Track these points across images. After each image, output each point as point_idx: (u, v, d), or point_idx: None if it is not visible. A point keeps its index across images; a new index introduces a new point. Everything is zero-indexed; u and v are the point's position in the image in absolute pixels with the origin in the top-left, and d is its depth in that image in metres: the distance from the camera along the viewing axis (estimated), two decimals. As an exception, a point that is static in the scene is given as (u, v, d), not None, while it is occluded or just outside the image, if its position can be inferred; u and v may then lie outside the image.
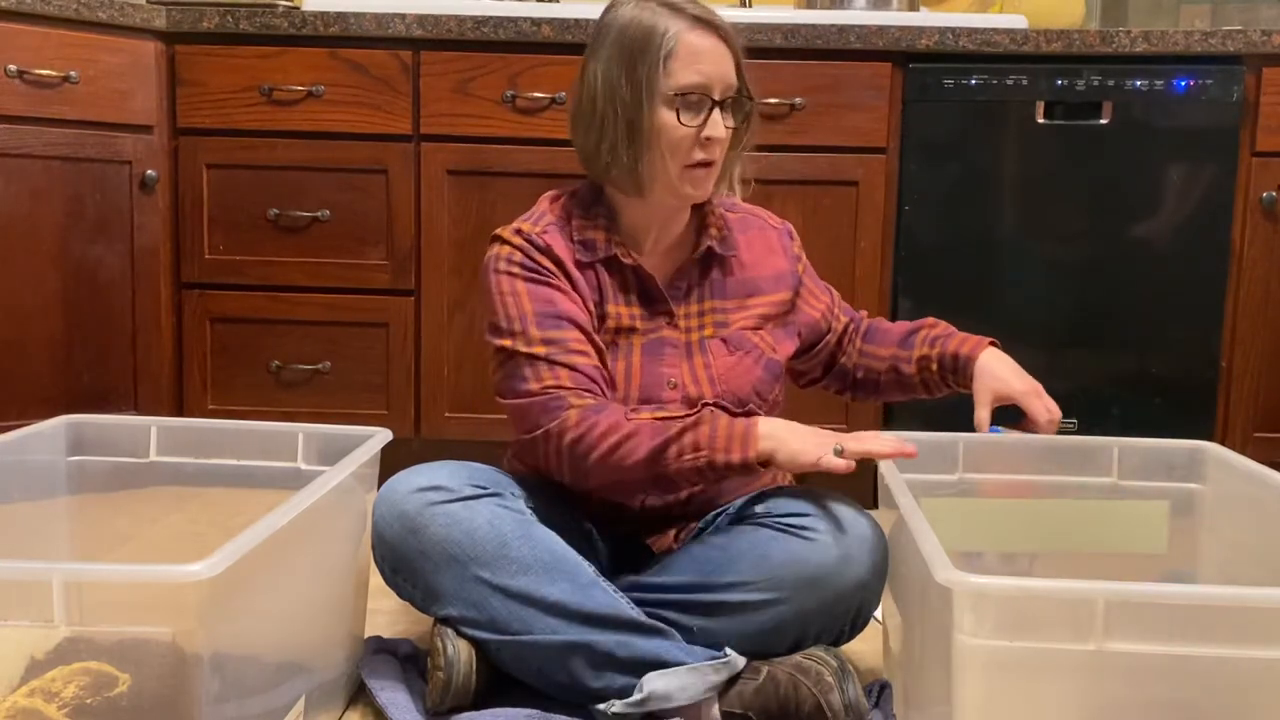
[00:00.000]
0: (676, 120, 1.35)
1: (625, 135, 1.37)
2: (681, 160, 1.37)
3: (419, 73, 2.18)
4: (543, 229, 1.42)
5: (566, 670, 1.29)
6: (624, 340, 1.43)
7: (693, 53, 1.35)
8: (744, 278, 1.50)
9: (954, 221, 2.19)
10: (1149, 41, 2.13)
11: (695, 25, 1.36)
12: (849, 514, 1.33)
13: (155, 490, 1.45)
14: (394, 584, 1.38)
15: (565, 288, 1.40)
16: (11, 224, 2.04)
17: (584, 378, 1.35)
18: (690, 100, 1.35)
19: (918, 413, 2.21)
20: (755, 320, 1.49)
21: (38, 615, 0.91)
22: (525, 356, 1.35)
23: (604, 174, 1.41)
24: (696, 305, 1.47)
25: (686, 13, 1.36)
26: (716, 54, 1.37)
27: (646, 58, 1.35)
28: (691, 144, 1.37)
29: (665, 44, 1.35)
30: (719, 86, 1.37)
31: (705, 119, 1.36)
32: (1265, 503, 1.35)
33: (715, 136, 1.36)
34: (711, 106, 1.36)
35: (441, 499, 1.33)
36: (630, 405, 1.39)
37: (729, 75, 1.38)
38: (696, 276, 1.47)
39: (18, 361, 2.07)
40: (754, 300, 1.49)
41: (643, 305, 1.45)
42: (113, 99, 2.12)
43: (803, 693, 1.26)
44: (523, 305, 1.38)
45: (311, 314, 2.23)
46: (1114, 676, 0.98)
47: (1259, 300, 2.18)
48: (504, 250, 1.41)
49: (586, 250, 1.42)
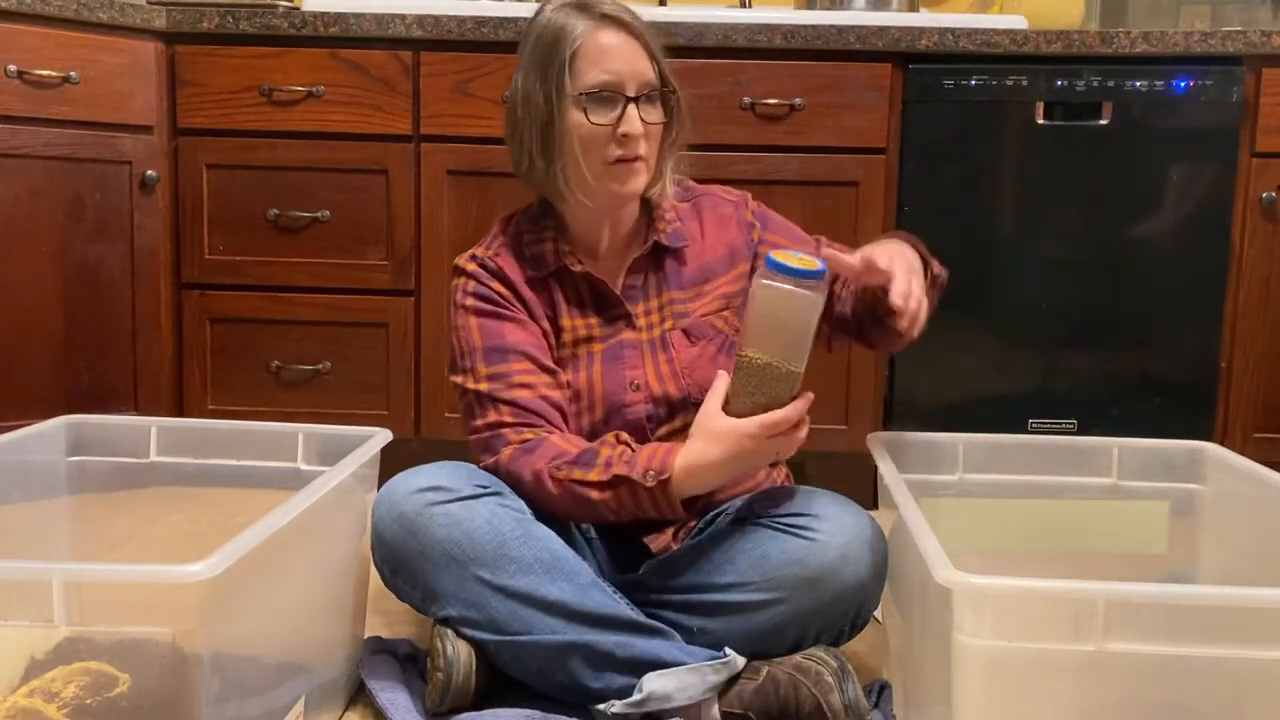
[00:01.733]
0: (586, 119, 1.35)
1: (539, 141, 1.39)
2: (598, 159, 1.37)
3: (419, 73, 2.18)
4: (495, 252, 1.45)
5: (566, 670, 1.29)
6: (584, 350, 1.44)
7: (599, 51, 1.36)
8: (699, 264, 1.49)
9: (954, 222, 2.19)
10: (1149, 42, 2.13)
11: (601, 23, 1.36)
12: (849, 514, 1.33)
13: (155, 490, 1.45)
14: (393, 586, 1.38)
15: (517, 315, 1.42)
16: (11, 224, 2.04)
17: (525, 411, 1.37)
18: (601, 98, 1.35)
19: (918, 412, 2.22)
20: (719, 302, 1.49)
21: (38, 615, 0.91)
22: (473, 393, 1.40)
23: (531, 183, 1.44)
24: (656, 300, 1.47)
25: (594, 11, 1.37)
26: (625, 50, 1.36)
27: (555, 61, 1.36)
28: (606, 141, 1.36)
29: (571, 45, 1.36)
30: (632, 83, 1.36)
31: (620, 115, 1.35)
32: (1265, 503, 1.35)
33: (630, 132, 1.35)
34: (626, 103, 1.35)
35: (441, 499, 1.33)
36: (595, 415, 1.43)
37: (643, 71, 1.37)
38: (650, 272, 1.47)
39: (18, 361, 2.07)
40: (711, 285, 1.49)
41: (598, 313, 1.46)
42: (113, 99, 2.12)
43: (802, 693, 1.26)
44: (472, 340, 1.41)
45: (311, 314, 2.23)
46: (1114, 677, 0.98)
47: (1259, 300, 2.18)
48: (460, 281, 1.45)
49: (537, 265, 1.44)
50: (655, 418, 1.44)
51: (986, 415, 2.19)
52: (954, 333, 2.21)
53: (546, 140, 1.38)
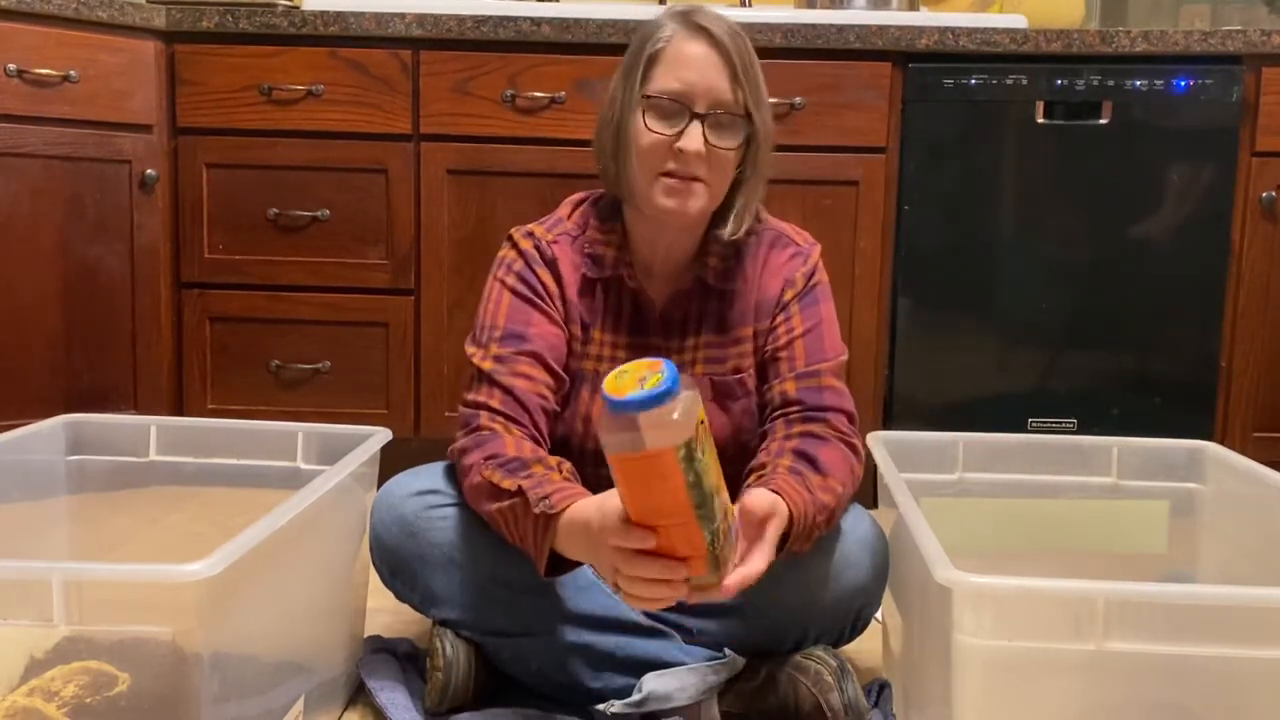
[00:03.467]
0: (644, 124, 1.29)
1: (612, 140, 1.34)
2: (652, 169, 1.30)
3: (419, 72, 2.18)
4: (554, 237, 1.39)
5: (565, 671, 1.29)
6: (606, 369, 1.30)
7: (678, 58, 1.29)
8: (744, 308, 1.39)
9: (954, 221, 2.19)
10: (1149, 41, 2.13)
11: (691, 32, 1.30)
12: (849, 516, 1.33)
13: (155, 490, 1.45)
14: (392, 586, 1.38)
15: (549, 309, 1.36)
16: (11, 223, 2.04)
17: (514, 402, 1.30)
18: (662, 106, 1.29)
19: (918, 412, 2.22)
20: (751, 355, 1.39)
21: (37, 615, 0.91)
22: (477, 369, 1.34)
23: (606, 184, 1.39)
24: (692, 339, 1.39)
25: (689, 19, 1.31)
26: (705, 63, 1.29)
27: (638, 61, 1.32)
28: (664, 153, 1.29)
29: (654, 46, 1.31)
30: (704, 99, 1.28)
31: (682, 130, 1.28)
32: (1265, 502, 1.35)
33: (687, 149, 1.27)
34: (691, 118, 1.28)
35: (440, 502, 1.33)
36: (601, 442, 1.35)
37: (718, 89, 1.28)
38: (694, 308, 1.39)
39: (17, 361, 2.07)
40: (746, 330, 1.40)
41: (632, 333, 1.40)
42: (112, 98, 2.12)
43: (802, 692, 1.26)
44: (497, 318, 1.36)
45: (311, 313, 2.23)
46: (1113, 676, 0.98)
47: (1259, 300, 2.18)
48: (509, 255, 1.40)
49: (594, 265, 1.38)
50: None
51: (986, 415, 2.20)
52: (954, 332, 2.21)
53: (617, 141, 1.33)
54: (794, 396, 1.34)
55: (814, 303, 1.39)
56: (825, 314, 1.40)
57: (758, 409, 1.39)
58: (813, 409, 1.33)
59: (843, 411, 1.34)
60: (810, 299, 1.39)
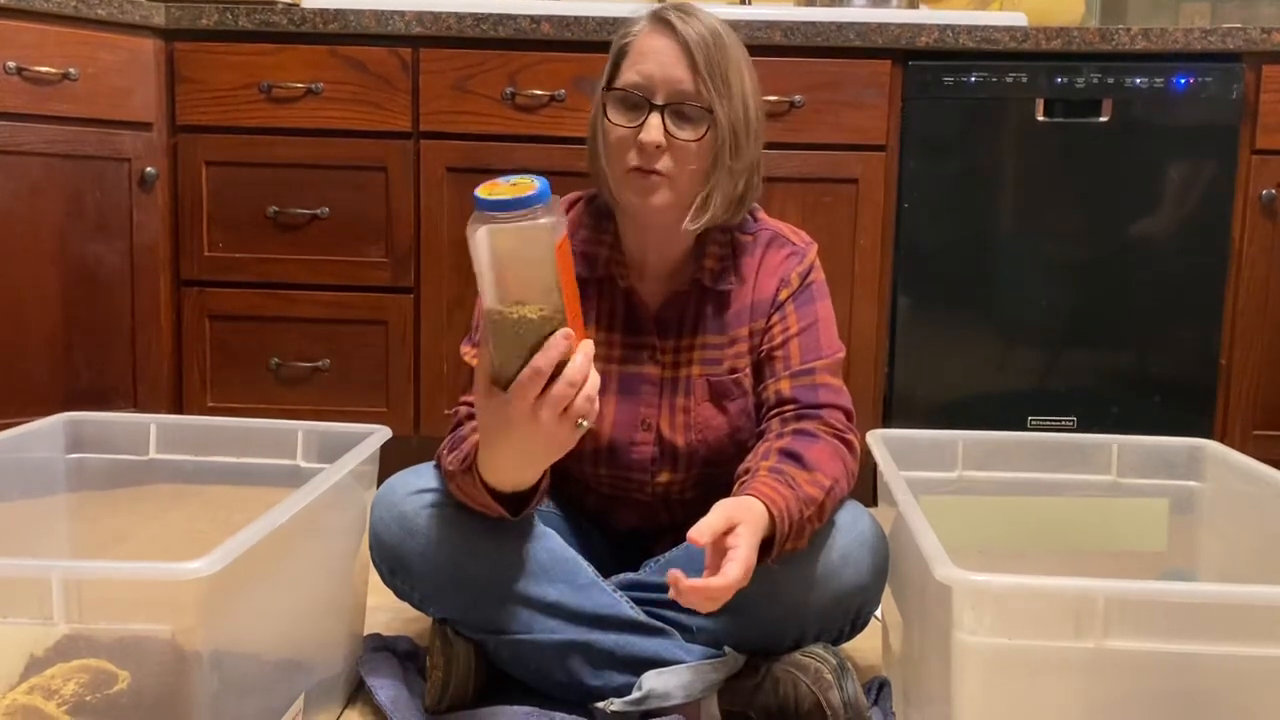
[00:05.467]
0: (608, 118, 1.30)
1: (593, 138, 1.36)
2: (621, 164, 1.30)
3: (418, 70, 2.18)
4: None
5: (565, 669, 1.29)
6: (602, 373, 1.28)
7: (641, 52, 1.30)
8: (740, 309, 1.39)
9: (954, 219, 2.19)
10: (1149, 39, 2.12)
11: (656, 26, 1.30)
12: (849, 514, 1.33)
13: (154, 488, 1.45)
14: (392, 585, 1.38)
15: None
16: (11, 221, 2.04)
17: None
18: (625, 98, 1.29)
19: (918, 410, 2.22)
20: (747, 354, 1.40)
21: (37, 613, 0.91)
22: (469, 369, 1.32)
23: (596, 181, 1.39)
24: (688, 339, 1.39)
25: (658, 14, 1.32)
26: (665, 55, 1.28)
27: (611, 57, 1.34)
28: (628, 147, 1.29)
29: (622, 42, 1.33)
30: (662, 90, 1.28)
31: (642, 121, 1.28)
32: (1265, 500, 1.35)
33: (645, 140, 1.26)
34: (650, 110, 1.27)
35: (440, 501, 1.33)
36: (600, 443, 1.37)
37: (676, 79, 1.27)
38: (690, 309, 1.39)
39: (17, 359, 2.07)
40: (742, 330, 1.40)
41: (625, 334, 1.40)
42: (112, 96, 2.12)
43: (802, 690, 1.26)
44: None
45: (311, 311, 2.23)
46: (1113, 674, 0.98)
47: (1259, 299, 2.18)
48: None
49: (586, 265, 1.39)
50: (659, 461, 1.41)
51: (986, 413, 2.20)
52: (954, 330, 2.21)
53: (594, 135, 1.35)
54: (789, 395, 1.35)
55: (809, 301, 1.40)
56: (821, 312, 1.40)
57: (754, 409, 1.40)
58: (807, 407, 1.33)
59: (838, 408, 1.34)
60: (806, 297, 1.40)
